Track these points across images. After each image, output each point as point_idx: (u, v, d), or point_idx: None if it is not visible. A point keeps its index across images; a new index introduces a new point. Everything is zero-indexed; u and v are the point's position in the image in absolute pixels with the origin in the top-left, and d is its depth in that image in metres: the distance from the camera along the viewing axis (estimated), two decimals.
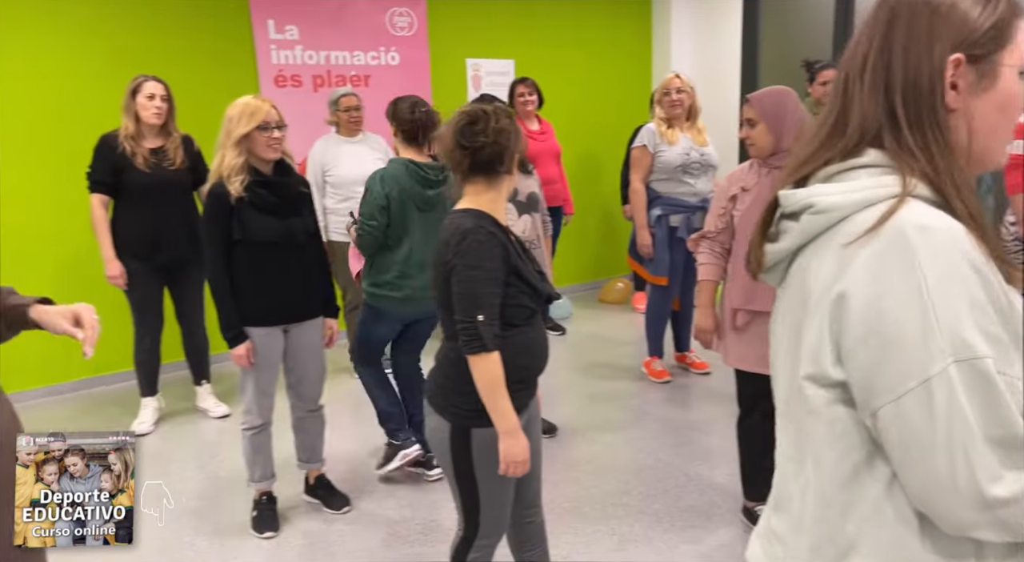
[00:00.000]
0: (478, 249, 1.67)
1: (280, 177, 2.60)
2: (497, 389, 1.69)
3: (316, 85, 4.73)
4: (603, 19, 5.94)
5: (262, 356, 2.62)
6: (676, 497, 2.90)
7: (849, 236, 0.81)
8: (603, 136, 6.00)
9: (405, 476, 3.14)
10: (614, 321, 5.37)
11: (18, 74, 3.88)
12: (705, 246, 2.59)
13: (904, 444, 0.78)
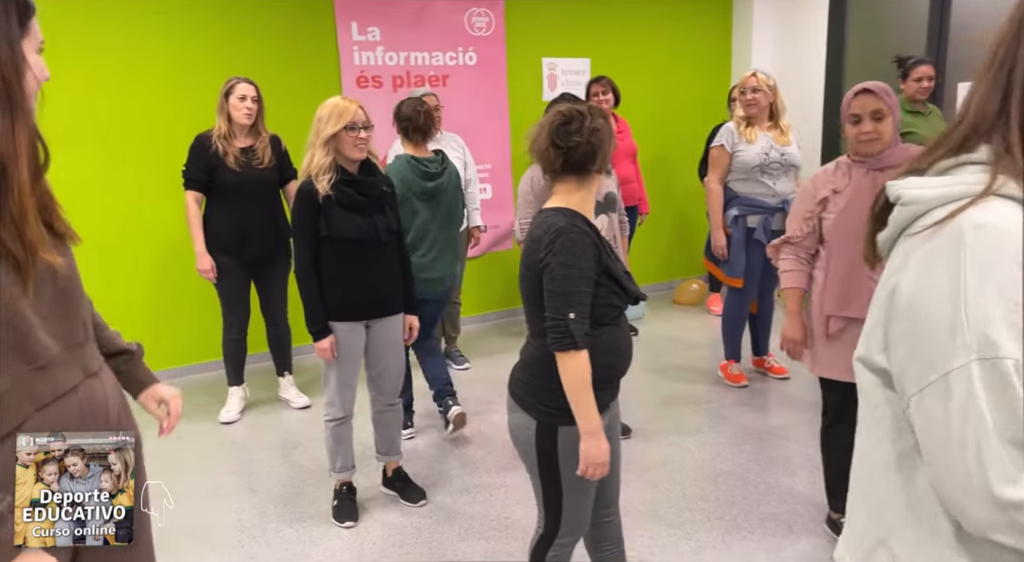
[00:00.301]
0: (572, 248, 1.67)
1: (366, 176, 2.67)
2: (584, 388, 1.69)
3: (396, 85, 4.82)
4: (681, 15, 5.85)
5: (345, 350, 2.69)
6: (755, 504, 2.83)
7: (918, 229, 0.83)
8: (679, 135, 5.91)
9: (480, 473, 3.18)
10: (688, 323, 5.29)
11: (116, 75, 4.09)
12: (789, 252, 2.47)
13: (925, 436, 0.79)
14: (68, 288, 1.23)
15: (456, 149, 4.25)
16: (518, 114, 5.26)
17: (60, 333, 1.20)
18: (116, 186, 4.11)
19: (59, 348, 1.19)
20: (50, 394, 1.17)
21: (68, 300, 1.22)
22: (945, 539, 0.84)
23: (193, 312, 4.42)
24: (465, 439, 3.52)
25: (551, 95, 5.29)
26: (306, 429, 3.70)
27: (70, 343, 1.22)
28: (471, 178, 4.34)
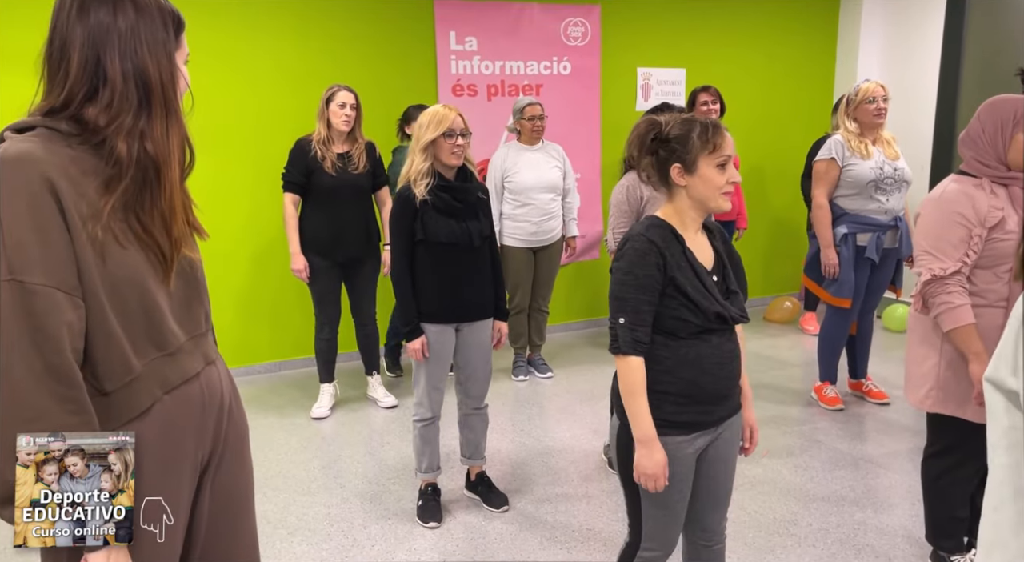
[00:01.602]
0: (632, 255, 1.71)
1: (462, 182, 2.71)
2: (633, 394, 1.71)
3: (490, 94, 4.88)
4: (782, 23, 5.69)
5: (435, 352, 2.73)
6: (850, 534, 2.70)
7: None
8: (776, 146, 5.74)
9: (562, 482, 3.16)
10: (781, 341, 5.11)
11: (219, 79, 4.28)
12: (955, 284, 2.13)
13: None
14: (195, 281, 1.30)
15: (556, 158, 4.27)
16: (610, 124, 5.23)
17: (187, 323, 1.28)
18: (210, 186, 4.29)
19: (186, 337, 1.27)
20: (178, 379, 1.24)
21: (195, 292, 1.30)
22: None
23: (288, 310, 4.59)
24: (548, 448, 3.50)
25: (645, 105, 5.24)
26: (393, 428, 3.77)
27: (194, 333, 1.30)
28: (570, 187, 4.35)
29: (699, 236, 1.80)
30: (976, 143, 2.16)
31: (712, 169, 1.71)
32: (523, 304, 4.38)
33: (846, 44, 5.80)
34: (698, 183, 1.72)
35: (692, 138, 1.71)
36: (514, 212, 4.18)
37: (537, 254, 4.31)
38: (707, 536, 1.93)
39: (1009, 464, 0.87)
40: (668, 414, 1.74)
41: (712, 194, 1.73)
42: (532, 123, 4.15)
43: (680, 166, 1.73)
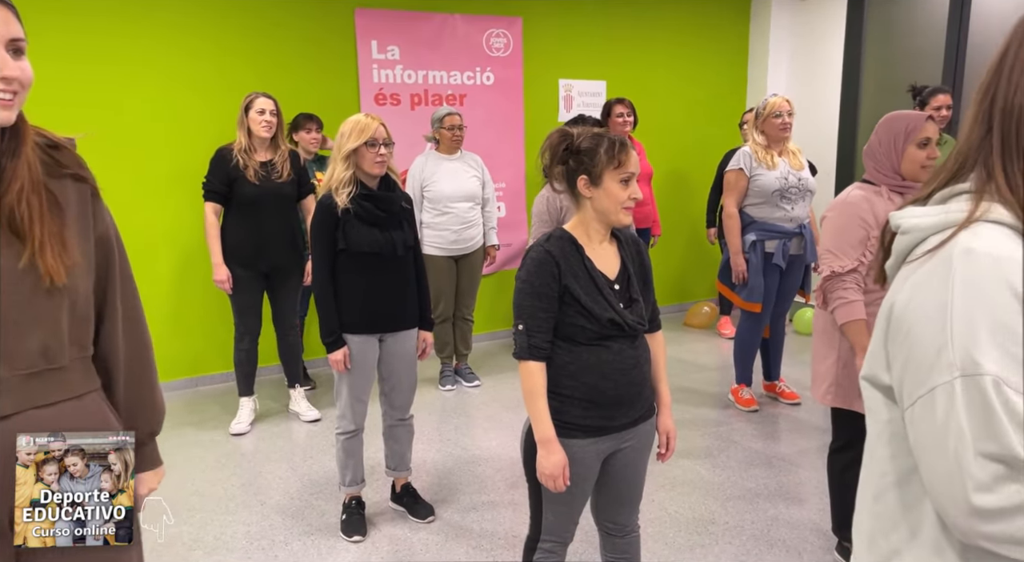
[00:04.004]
0: (530, 265, 1.79)
1: (385, 191, 2.70)
2: (533, 397, 1.78)
3: (414, 103, 4.88)
4: (697, 40, 5.91)
5: (358, 363, 2.70)
6: (764, 530, 2.81)
7: (916, 256, 0.88)
8: (691, 158, 5.94)
9: (488, 490, 3.17)
10: (699, 346, 5.28)
11: (140, 90, 4.16)
12: (851, 281, 2.28)
13: (916, 448, 0.85)
14: (38, 303, 1.12)
15: (475, 168, 4.30)
16: (534, 134, 5.30)
17: (11, 354, 1.10)
18: (129, 195, 4.15)
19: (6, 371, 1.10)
20: None
21: (32, 316, 1.11)
22: (949, 557, 0.86)
23: (205, 322, 4.45)
24: (475, 457, 3.51)
25: (567, 116, 5.34)
26: (316, 442, 3.70)
27: (20, 369, 1.11)
28: (489, 197, 4.38)
29: (604, 246, 1.86)
30: (874, 155, 2.33)
31: (616, 184, 1.78)
32: (447, 313, 4.38)
33: (756, 60, 6.07)
34: (602, 196, 1.78)
35: (600, 152, 1.77)
36: (433, 221, 4.19)
37: (459, 263, 4.33)
38: (618, 528, 2.02)
39: (891, 455, 0.93)
40: (573, 418, 1.80)
41: (614, 208, 1.79)
42: (451, 132, 4.17)
43: (587, 178, 1.79)
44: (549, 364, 1.80)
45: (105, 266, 1.27)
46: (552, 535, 1.93)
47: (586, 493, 1.91)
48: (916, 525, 0.91)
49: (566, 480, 1.78)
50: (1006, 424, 0.77)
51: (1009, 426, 0.77)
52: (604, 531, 2.05)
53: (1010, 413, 0.77)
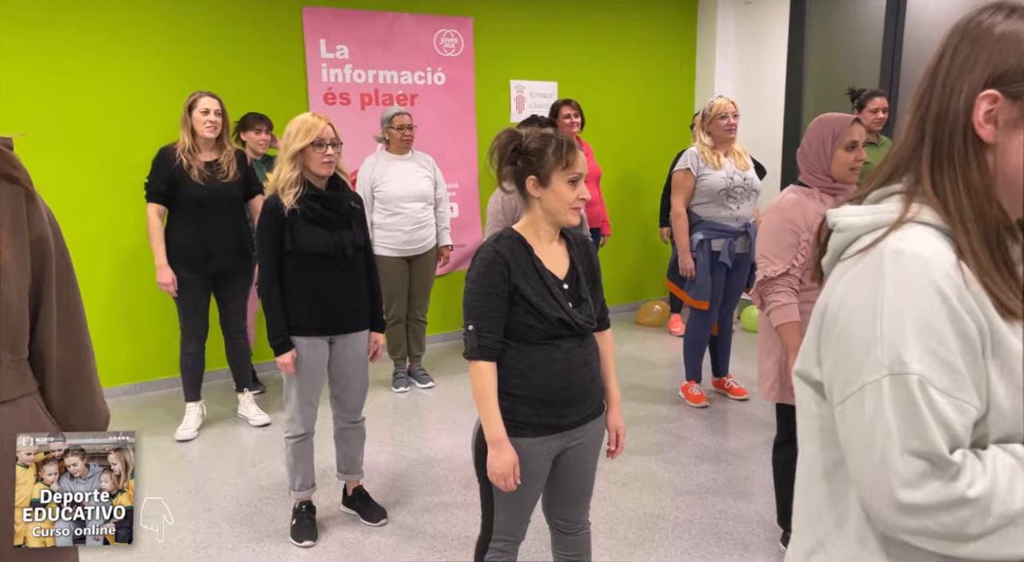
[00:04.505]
0: (479, 265, 1.80)
1: (333, 192, 2.67)
2: (483, 397, 1.79)
3: (364, 103, 4.84)
4: (646, 41, 5.99)
5: (307, 366, 2.67)
6: (713, 523, 2.87)
7: (850, 254, 0.90)
8: (643, 158, 6.02)
9: (442, 491, 3.17)
10: (650, 343, 5.36)
11: (78, 89, 4.04)
12: (783, 284, 2.33)
13: (845, 444, 0.86)
14: None
15: (426, 168, 4.28)
16: (486, 134, 5.30)
17: None
18: (71, 195, 4.03)
19: None
20: None
21: None
22: (872, 546, 0.89)
23: (151, 326, 4.34)
24: (428, 458, 3.50)
25: (519, 117, 5.36)
26: (265, 447, 3.64)
27: None
28: (441, 197, 4.37)
29: (554, 246, 1.88)
30: (806, 157, 2.38)
31: (564, 184, 1.80)
32: (400, 314, 4.36)
33: (704, 62, 6.18)
34: (551, 196, 1.80)
35: (548, 153, 1.79)
36: (385, 221, 4.16)
37: (411, 263, 4.31)
38: (569, 526, 2.04)
39: (819, 448, 0.96)
40: (523, 417, 1.81)
41: (562, 208, 1.81)
42: (401, 132, 4.15)
43: (535, 178, 1.80)
44: (499, 364, 1.81)
45: (41, 268, 1.25)
46: (504, 534, 1.94)
47: (537, 492, 1.93)
48: (842, 517, 0.93)
49: (517, 479, 1.80)
50: (930, 422, 0.79)
51: (933, 424, 0.79)
52: (555, 529, 2.07)
53: (934, 412, 0.80)
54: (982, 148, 0.86)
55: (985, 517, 0.79)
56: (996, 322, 0.82)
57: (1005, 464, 0.81)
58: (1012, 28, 0.86)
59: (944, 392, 0.80)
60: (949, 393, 0.80)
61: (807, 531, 0.98)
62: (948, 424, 0.80)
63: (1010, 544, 0.81)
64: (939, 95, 0.88)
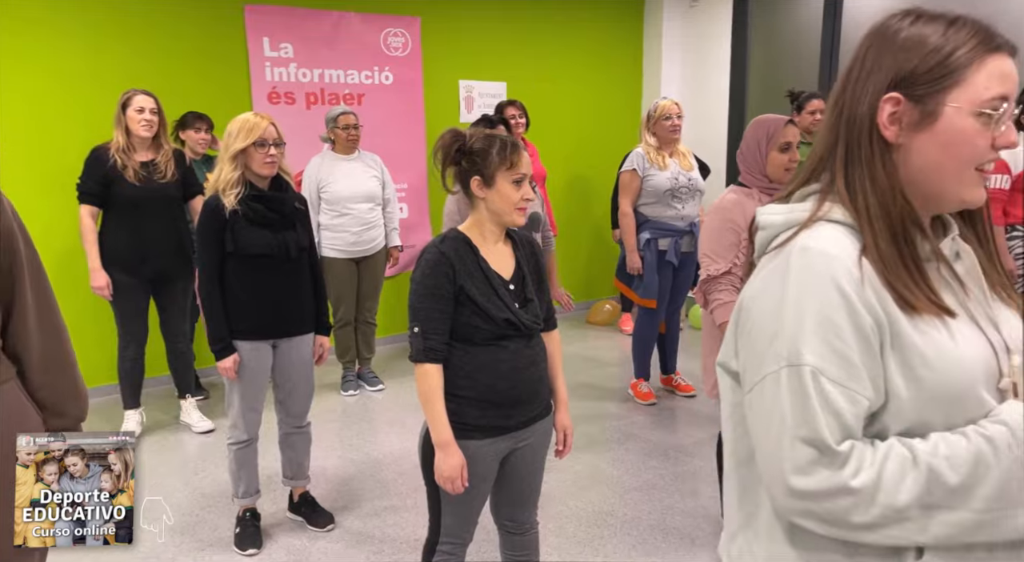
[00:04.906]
0: (424, 266, 1.79)
1: (275, 192, 2.62)
2: (429, 400, 1.79)
3: (309, 102, 4.77)
4: (594, 43, 6.03)
5: (249, 370, 2.61)
6: (661, 519, 2.90)
7: (769, 250, 0.94)
8: (593, 159, 6.06)
9: (391, 495, 3.13)
10: (601, 342, 5.40)
11: (11, 84, 3.88)
12: (725, 283, 2.37)
13: (752, 430, 0.91)
14: None
15: (374, 168, 4.24)
16: (435, 135, 5.20)
17: None
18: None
19: None
20: None
21: None
22: (779, 536, 0.92)
23: (86, 332, 4.19)
24: (377, 461, 3.46)
25: (468, 117, 5.35)
26: (208, 454, 3.55)
27: None
28: (390, 197, 4.33)
29: (499, 246, 1.88)
30: (744, 158, 2.44)
31: (509, 185, 1.80)
32: (348, 317, 4.30)
33: (650, 63, 6.26)
34: (495, 197, 1.81)
35: (492, 154, 1.79)
36: (332, 222, 4.10)
37: (360, 265, 4.26)
38: (516, 526, 2.04)
39: (734, 438, 0.99)
40: (470, 418, 1.81)
41: (507, 208, 1.81)
42: (346, 132, 4.10)
43: (480, 179, 1.80)
44: (445, 366, 1.80)
45: (10, 261, 1.28)
46: (451, 537, 1.93)
47: (485, 494, 1.92)
48: (754, 507, 0.96)
49: (465, 482, 1.79)
50: (819, 412, 0.83)
51: (821, 414, 0.83)
52: (503, 529, 2.06)
53: (823, 402, 0.83)
54: (888, 149, 0.89)
55: (869, 507, 0.81)
56: (896, 316, 0.85)
57: (898, 457, 0.82)
58: (916, 33, 0.89)
59: (837, 382, 0.83)
60: (842, 383, 0.83)
61: (731, 516, 1.01)
62: (839, 413, 0.83)
63: (898, 537, 0.83)
64: (850, 98, 0.92)
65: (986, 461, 0.81)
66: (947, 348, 0.85)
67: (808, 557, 0.90)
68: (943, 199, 0.91)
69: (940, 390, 0.84)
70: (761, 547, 0.95)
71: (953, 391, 0.85)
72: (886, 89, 0.89)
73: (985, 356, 0.88)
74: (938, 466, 0.81)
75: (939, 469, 0.81)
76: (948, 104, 0.87)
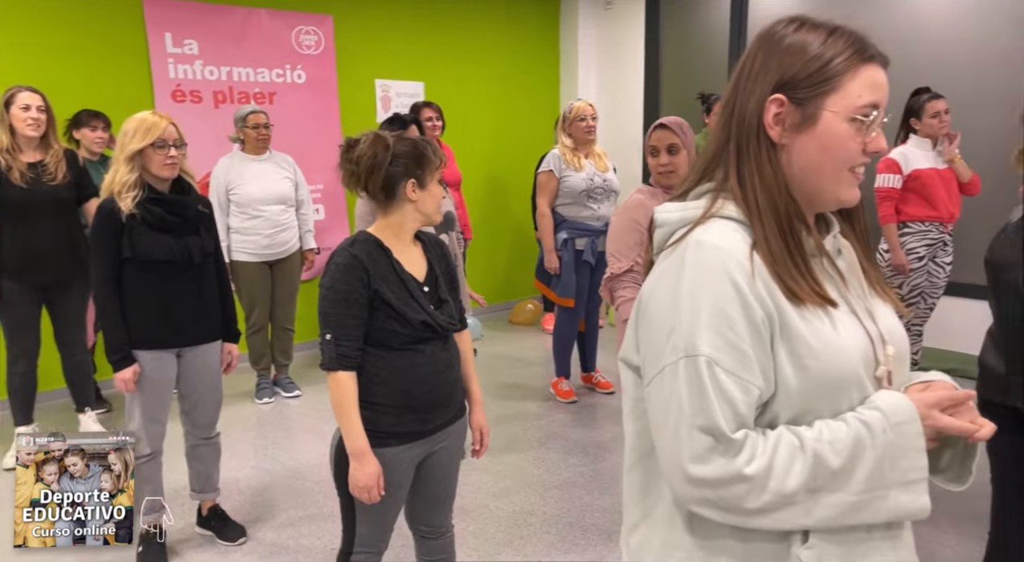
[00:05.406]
0: (336, 271, 1.74)
1: (177, 195, 2.51)
2: (343, 409, 1.73)
3: (217, 101, 4.60)
4: (511, 43, 6.06)
5: (151, 381, 2.49)
6: (580, 516, 2.93)
7: (665, 248, 0.97)
8: (512, 159, 6.08)
9: (307, 504, 3.05)
10: (524, 342, 5.42)
11: None
12: (628, 280, 2.45)
13: (652, 421, 0.93)
14: None
15: (286, 169, 4.14)
16: (351, 134, 5.17)
17: None
18: None
19: None
20: None
21: None
22: (678, 526, 0.95)
23: None
24: (293, 471, 3.37)
25: (385, 116, 5.27)
26: None
27: None
28: (303, 199, 4.23)
29: (411, 248, 1.86)
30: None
31: (436, 185, 1.83)
32: (262, 322, 4.17)
33: (567, 65, 6.33)
34: (427, 198, 1.81)
35: (428, 155, 1.80)
36: (243, 225, 3.97)
37: (273, 268, 4.14)
38: (432, 531, 2.02)
39: (637, 431, 1.01)
40: (387, 426, 1.77)
41: (435, 208, 1.84)
42: (256, 132, 3.98)
43: (415, 182, 1.79)
44: (360, 372, 1.76)
45: None
46: (366, 546, 1.88)
47: (401, 500, 1.89)
48: (655, 498, 0.98)
49: (381, 491, 1.75)
50: (714, 401, 0.85)
51: (716, 403, 0.85)
52: (419, 534, 2.03)
53: (719, 391, 0.85)
54: (774, 148, 0.93)
55: (761, 493, 0.85)
56: (785, 307, 0.88)
57: (787, 445, 0.86)
58: (799, 40, 0.93)
59: (730, 372, 0.86)
60: (735, 373, 0.86)
61: (630, 509, 1.03)
62: (732, 402, 0.86)
63: (787, 521, 0.86)
64: (740, 98, 0.95)
65: (863, 445, 0.86)
66: (831, 338, 0.89)
67: (703, 544, 0.93)
68: (822, 198, 0.96)
69: (825, 378, 0.88)
70: (659, 536, 0.97)
71: (837, 379, 0.89)
72: (772, 91, 0.92)
73: (863, 345, 0.92)
74: (822, 451, 0.85)
75: (823, 454, 0.85)
76: (826, 109, 0.91)
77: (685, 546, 0.94)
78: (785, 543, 0.89)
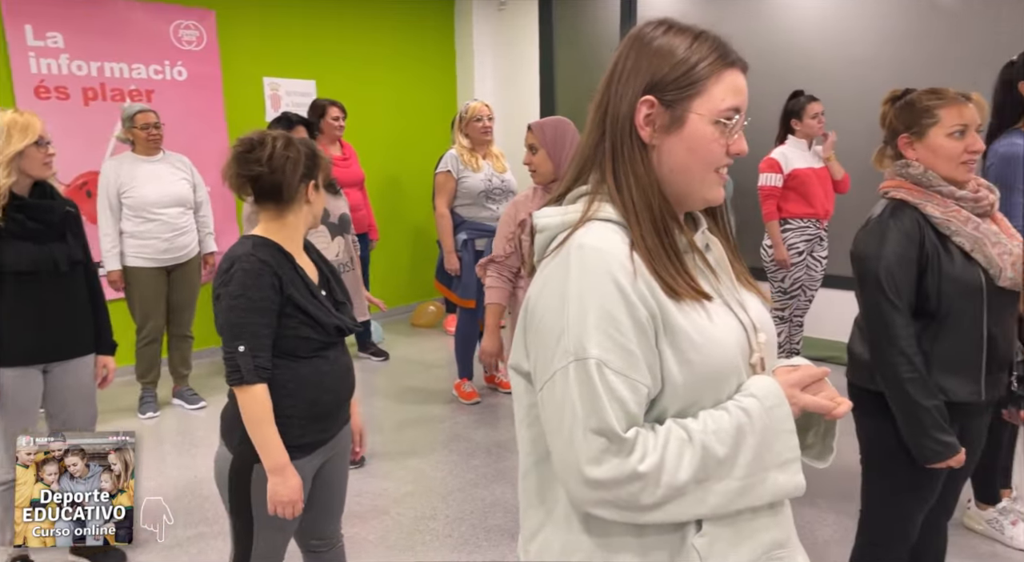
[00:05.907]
0: (243, 277, 1.63)
1: (39, 199, 2.33)
2: (262, 424, 1.63)
3: (87, 98, 4.30)
4: (406, 42, 5.98)
5: (13, 401, 2.30)
6: (482, 518, 2.92)
7: (548, 252, 0.96)
8: (410, 160, 6.01)
9: (196, 522, 2.90)
10: (427, 345, 5.36)
11: None
12: (493, 270, 2.64)
13: (545, 426, 0.92)
14: None
15: (182, 170, 3.94)
16: (238, 134, 4.95)
17: None
18: None
19: None
20: None
21: None
22: (576, 528, 0.95)
23: None
24: (182, 488, 3.19)
25: (274, 115, 5.09)
26: None
27: None
28: (202, 201, 4.04)
29: (303, 252, 1.82)
30: None
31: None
32: (156, 334, 3.94)
33: (463, 65, 6.32)
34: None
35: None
36: (138, 230, 3.76)
37: (171, 274, 3.93)
38: (324, 543, 1.96)
39: (532, 438, 1.00)
40: (293, 438, 1.70)
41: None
42: (146, 132, 3.76)
43: (315, 183, 1.76)
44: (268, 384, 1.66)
45: None
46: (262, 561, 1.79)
47: (300, 514, 1.81)
48: (552, 503, 0.97)
49: (302, 503, 1.68)
50: (606, 402, 0.85)
51: (608, 404, 0.85)
52: (309, 550, 1.96)
53: (609, 392, 0.86)
54: (645, 148, 0.95)
55: (655, 489, 0.86)
56: (666, 304, 0.90)
57: (676, 439, 0.88)
58: (667, 43, 0.95)
59: (619, 373, 0.86)
60: (623, 373, 0.86)
61: (528, 514, 1.02)
62: (623, 402, 0.86)
63: (681, 513, 0.88)
64: (613, 98, 0.96)
65: (744, 431, 0.89)
66: (710, 331, 0.92)
67: (602, 542, 0.93)
68: (691, 198, 0.99)
69: (708, 371, 0.91)
70: (559, 539, 0.97)
71: (719, 370, 0.92)
72: (642, 92, 0.94)
73: (739, 335, 0.96)
74: (708, 441, 0.88)
75: (709, 444, 0.88)
76: (693, 111, 0.94)
77: (584, 547, 0.94)
78: (680, 534, 0.91)
